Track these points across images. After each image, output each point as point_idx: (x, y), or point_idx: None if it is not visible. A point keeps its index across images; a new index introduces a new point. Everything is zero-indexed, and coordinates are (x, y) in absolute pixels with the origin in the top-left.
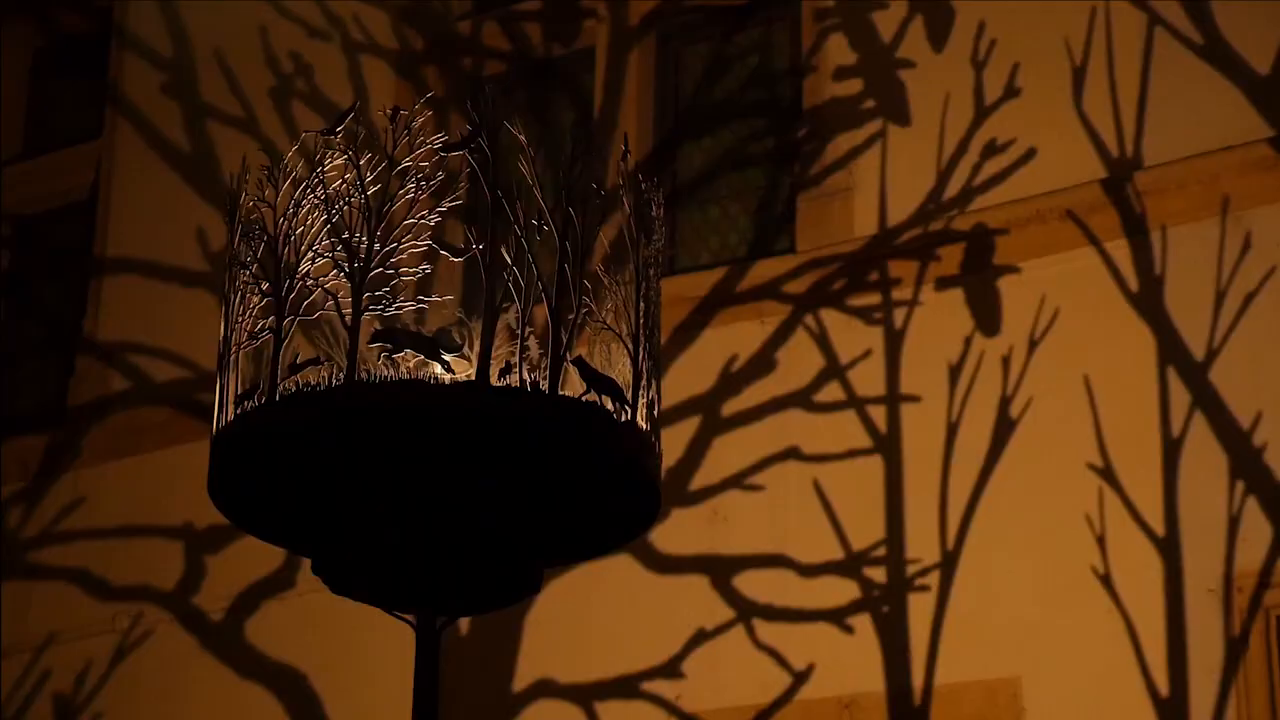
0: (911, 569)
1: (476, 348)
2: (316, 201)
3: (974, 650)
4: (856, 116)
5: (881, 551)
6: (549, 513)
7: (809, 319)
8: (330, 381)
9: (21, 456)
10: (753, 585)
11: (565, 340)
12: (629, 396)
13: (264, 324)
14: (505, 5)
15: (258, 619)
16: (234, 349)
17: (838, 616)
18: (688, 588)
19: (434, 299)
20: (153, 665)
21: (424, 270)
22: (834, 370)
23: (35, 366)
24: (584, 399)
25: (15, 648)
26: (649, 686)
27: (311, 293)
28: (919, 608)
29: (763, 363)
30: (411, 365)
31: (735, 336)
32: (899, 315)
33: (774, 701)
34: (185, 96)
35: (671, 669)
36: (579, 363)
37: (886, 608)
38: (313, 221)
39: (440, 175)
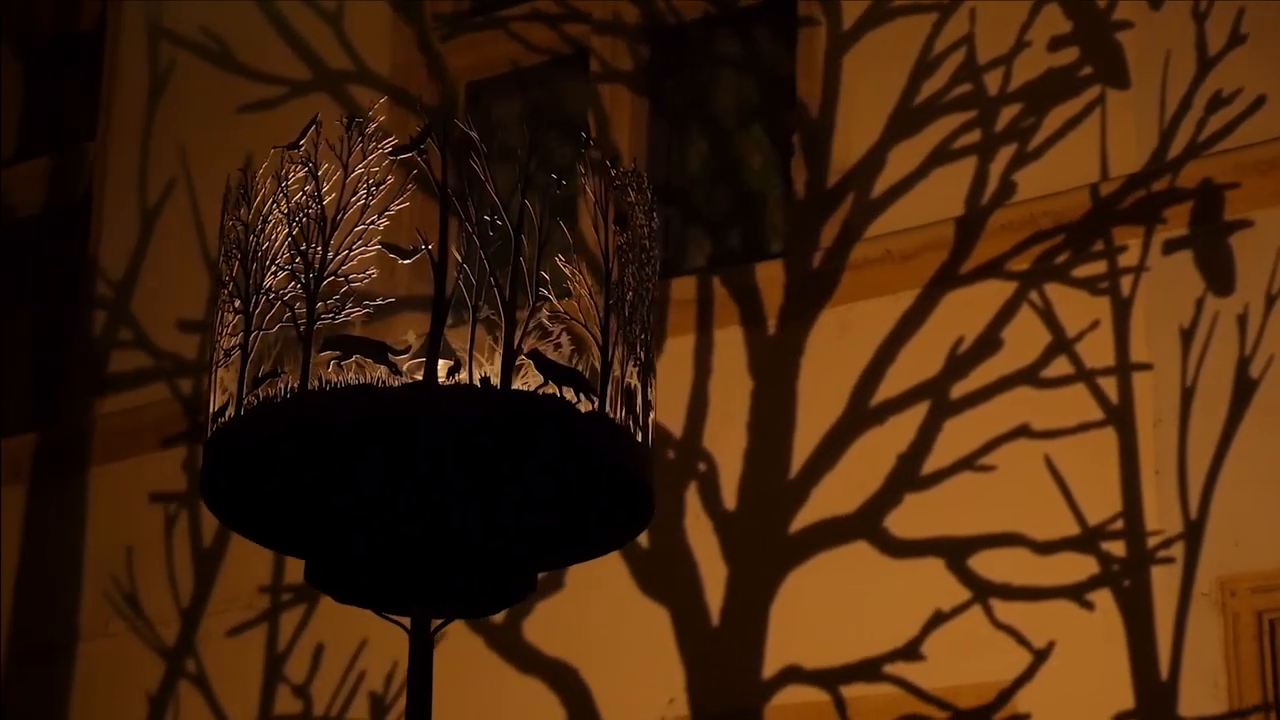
0: (1153, 541)
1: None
2: (280, 216)
3: (1222, 622)
4: (1074, 85)
5: (1119, 525)
6: (540, 512)
7: (1034, 295)
8: (286, 393)
9: None
10: (989, 565)
11: (520, 334)
12: (595, 387)
13: (234, 341)
14: None
15: (533, 619)
16: (214, 366)
17: (1077, 593)
18: (923, 570)
19: (380, 302)
20: (446, 664)
21: (371, 274)
22: (1061, 344)
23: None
24: (540, 391)
25: (336, 652)
26: (891, 669)
27: (274, 306)
28: (1163, 581)
29: (989, 342)
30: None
31: (961, 318)
32: (1126, 283)
33: (1016, 679)
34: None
35: (911, 651)
36: (534, 355)
37: (1128, 582)
38: (276, 236)
39: (389, 179)
